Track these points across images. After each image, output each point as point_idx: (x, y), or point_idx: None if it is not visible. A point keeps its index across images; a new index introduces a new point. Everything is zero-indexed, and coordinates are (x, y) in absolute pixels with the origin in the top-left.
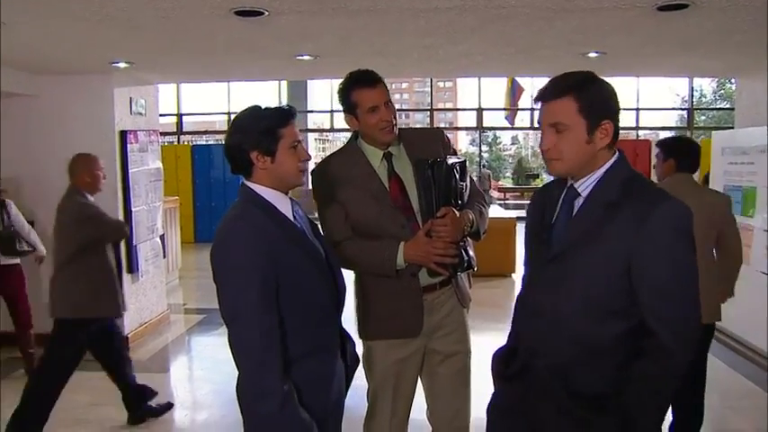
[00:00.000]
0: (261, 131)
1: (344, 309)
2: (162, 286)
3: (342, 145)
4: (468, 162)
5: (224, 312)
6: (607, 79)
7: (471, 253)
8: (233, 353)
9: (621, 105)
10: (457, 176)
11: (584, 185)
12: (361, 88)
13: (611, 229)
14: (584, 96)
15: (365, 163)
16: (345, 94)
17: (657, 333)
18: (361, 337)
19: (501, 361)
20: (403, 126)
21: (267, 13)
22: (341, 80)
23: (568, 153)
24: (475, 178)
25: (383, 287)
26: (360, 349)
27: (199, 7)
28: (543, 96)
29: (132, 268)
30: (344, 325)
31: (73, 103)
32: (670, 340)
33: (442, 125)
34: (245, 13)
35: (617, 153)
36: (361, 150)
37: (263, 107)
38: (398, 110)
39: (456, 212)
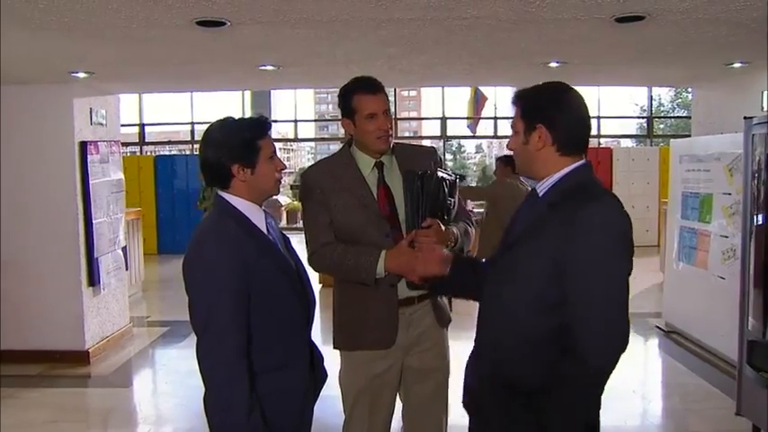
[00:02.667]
0: (241, 144)
1: (317, 321)
2: (124, 299)
3: (306, 154)
4: (459, 180)
5: (195, 323)
6: None
7: None
8: (201, 364)
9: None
10: (446, 191)
11: (542, 188)
12: (362, 94)
13: (547, 228)
14: (526, 102)
15: (355, 170)
16: (346, 98)
17: (576, 337)
18: (335, 346)
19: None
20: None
21: (229, 23)
22: (305, 90)
23: (515, 152)
24: None
25: (359, 296)
26: (337, 360)
27: (160, 18)
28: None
29: (93, 281)
30: (318, 335)
31: (31, 114)
32: (586, 346)
33: (407, 134)
34: (206, 23)
35: (581, 161)
36: (353, 157)
37: (236, 118)
38: None
39: (441, 226)
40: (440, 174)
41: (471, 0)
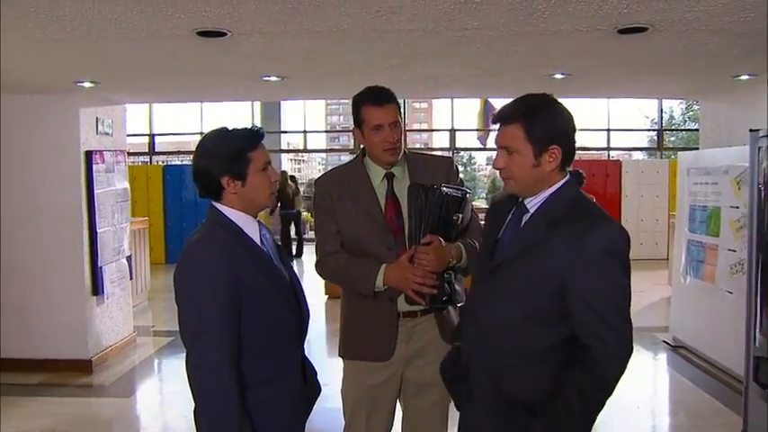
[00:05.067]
0: (230, 156)
1: (322, 331)
2: (128, 308)
3: (317, 165)
4: (469, 195)
5: (184, 335)
6: (576, 100)
7: (458, 287)
8: (191, 376)
9: (593, 126)
10: (450, 207)
11: (533, 203)
12: (369, 105)
13: (550, 245)
14: (531, 124)
15: (366, 180)
16: (356, 108)
17: (592, 350)
18: (340, 354)
19: (446, 365)
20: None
21: (230, 33)
22: (316, 101)
23: (517, 174)
24: None
25: (361, 308)
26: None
27: (160, 28)
28: (497, 119)
29: (97, 290)
30: (323, 346)
31: (37, 123)
32: (604, 358)
33: (418, 146)
34: (207, 33)
35: (568, 175)
36: (364, 167)
37: (230, 129)
38: None
39: (441, 242)
40: (445, 189)
41: (472, 11)
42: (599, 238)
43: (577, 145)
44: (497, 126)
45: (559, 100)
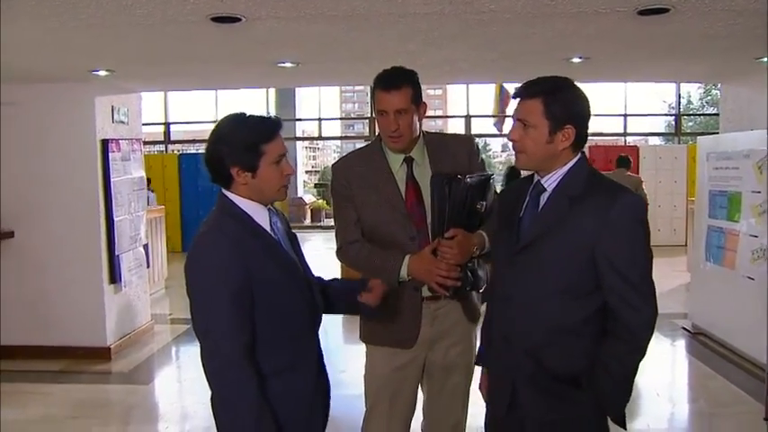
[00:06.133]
0: (243, 147)
1: (339, 318)
2: (145, 296)
3: (332, 152)
4: (492, 178)
5: (197, 326)
6: (593, 84)
7: (481, 273)
8: (206, 367)
9: (609, 111)
10: (474, 196)
11: (550, 181)
12: (378, 89)
13: (576, 220)
14: (551, 101)
15: (384, 165)
16: (372, 91)
17: (621, 314)
18: (361, 338)
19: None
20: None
21: (244, 19)
22: (330, 88)
23: (531, 148)
24: None
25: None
26: (359, 357)
27: (174, 14)
28: (518, 94)
29: (114, 278)
30: (339, 333)
31: (52, 112)
32: (633, 320)
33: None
34: (221, 19)
35: (580, 154)
36: (382, 152)
37: (247, 115)
38: None
39: (464, 235)
40: (468, 180)
41: None
42: (624, 207)
43: (593, 130)
44: (517, 101)
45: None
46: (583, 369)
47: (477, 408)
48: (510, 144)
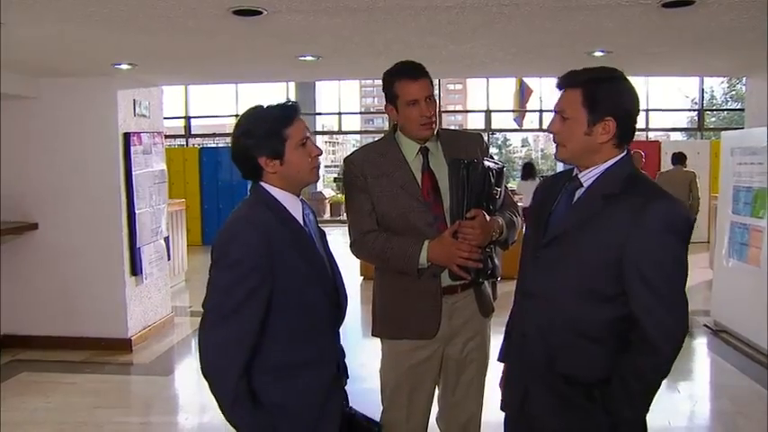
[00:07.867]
0: (265, 134)
1: (359, 314)
2: (166, 288)
3: (352, 147)
4: (505, 169)
5: (207, 301)
6: None
7: (497, 262)
8: (201, 337)
9: None
10: (492, 180)
11: (588, 177)
12: (404, 80)
13: (607, 220)
14: (592, 91)
15: (400, 156)
16: (388, 84)
17: (644, 326)
18: (374, 334)
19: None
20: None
21: (266, 12)
22: (350, 82)
23: (568, 140)
24: None
25: (402, 286)
26: (373, 352)
27: (196, 7)
28: (559, 84)
29: (135, 270)
30: (358, 329)
31: (75, 106)
32: (655, 333)
33: (452, 128)
34: (243, 12)
35: (626, 152)
36: (396, 143)
37: (265, 106)
38: None
39: (486, 216)
40: (486, 163)
41: None
42: (659, 211)
43: None
44: (559, 92)
45: None
46: (598, 379)
47: (495, 402)
48: (529, 138)
